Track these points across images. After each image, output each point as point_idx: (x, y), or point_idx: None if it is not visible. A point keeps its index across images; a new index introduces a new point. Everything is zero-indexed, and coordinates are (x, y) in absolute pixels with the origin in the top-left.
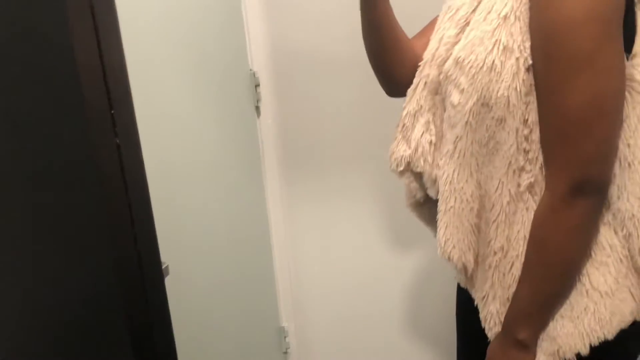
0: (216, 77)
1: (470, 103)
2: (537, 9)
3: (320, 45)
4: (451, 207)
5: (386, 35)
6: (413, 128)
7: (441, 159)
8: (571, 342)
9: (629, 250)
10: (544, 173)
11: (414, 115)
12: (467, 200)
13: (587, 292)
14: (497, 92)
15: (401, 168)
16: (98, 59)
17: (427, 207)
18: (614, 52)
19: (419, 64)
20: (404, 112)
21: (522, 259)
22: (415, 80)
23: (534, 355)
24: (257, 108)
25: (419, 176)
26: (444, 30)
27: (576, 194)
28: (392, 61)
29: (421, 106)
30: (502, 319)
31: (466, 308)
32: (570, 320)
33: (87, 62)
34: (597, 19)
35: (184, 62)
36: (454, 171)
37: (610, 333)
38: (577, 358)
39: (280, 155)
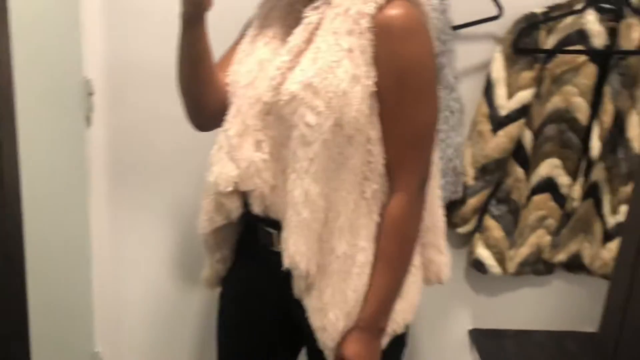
0: (45, 82)
1: (328, 123)
2: (389, 49)
3: (159, 57)
4: (304, 218)
5: (207, 67)
6: (241, 148)
7: (292, 174)
8: (404, 316)
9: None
10: (385, 179)
11: (241, 136)
12: (317, 211)
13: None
14: (350, 114)
15: (230, 189)
16: None
17: (223, 231)
18: (437, 83)
19: (238, 87)
20: (230, 133)
21: (372, 259)
22: (236, 102)
23: None
24: (88, 118)
25: (242, 195)
26: (266, 55)
27: (421, 188)
28: (210, 92)
29: (248, 126)
30: (340, 325)
31: (272, 320)
32: (400, 297)
33: None
34: (433, 58)
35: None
36: (309, 185)
37: (420, 296)
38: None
39: (110, 169)
